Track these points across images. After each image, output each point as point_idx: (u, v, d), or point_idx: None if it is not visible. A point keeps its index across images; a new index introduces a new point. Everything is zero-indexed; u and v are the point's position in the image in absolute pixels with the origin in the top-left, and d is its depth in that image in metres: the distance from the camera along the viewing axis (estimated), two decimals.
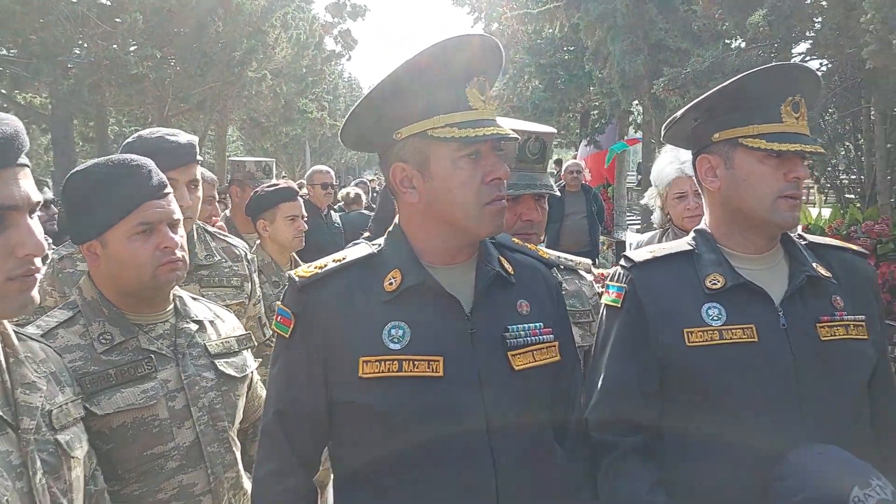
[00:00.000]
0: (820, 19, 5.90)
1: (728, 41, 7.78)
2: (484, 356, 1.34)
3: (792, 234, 1.63)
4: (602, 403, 1.57)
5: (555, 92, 15.79)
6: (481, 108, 1.34)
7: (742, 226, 1.57)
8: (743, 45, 7.43)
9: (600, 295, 1.79)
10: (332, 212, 5.45)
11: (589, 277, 2.10)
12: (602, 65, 11.16)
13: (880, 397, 1.56)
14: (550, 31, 13.36)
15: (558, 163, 13.93)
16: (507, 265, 1.45)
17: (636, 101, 11.53)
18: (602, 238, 10.29)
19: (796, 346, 1.47)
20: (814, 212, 7.38)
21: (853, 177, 6.52)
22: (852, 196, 6.51)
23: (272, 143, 21.20)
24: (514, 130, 1.39)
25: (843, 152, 6.55)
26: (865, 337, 1.52)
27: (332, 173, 5.55)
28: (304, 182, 5.62)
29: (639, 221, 15.28)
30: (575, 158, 14.22)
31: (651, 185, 2.99)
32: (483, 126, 1.31)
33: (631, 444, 1.53)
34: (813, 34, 6.68)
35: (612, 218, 14.71)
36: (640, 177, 17.74)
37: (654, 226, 3.10)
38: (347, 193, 7.00)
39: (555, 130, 1.97)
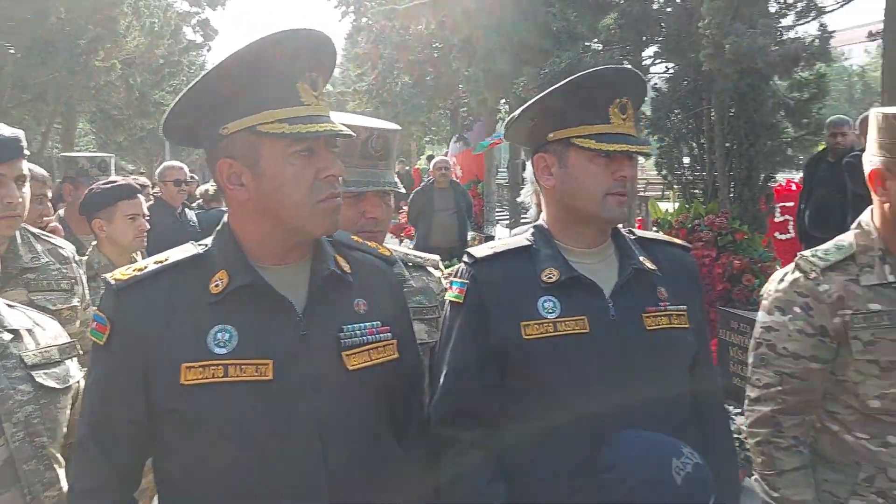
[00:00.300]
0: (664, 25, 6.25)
1: (588, 43, 8.11)
2: (317, 358, 1.31)
3: (623, 230, 1.71)
4: (444, 398, 1.59)
5: (424, 88, 15.91)
6: (314, 103, 1.31)
7: (575, 222, 1.63)
8: (600, 47, 7.76)
9: None
10: (186, 210, 5.22)
11: (437, 274, 2.12)
12: (469, 62, 11.33)
13: (700, 381, 1.66)
14: (418, 27, 13.43)
15: (430, 159, 14.07)
16: (343, 264, 1.43)
17: (504, 100, 11.79)
18: (472, 234, 10.49)
19: (624, 335, 1.54)
20: (669, 207, 7.84)
21: (697, 174, 6.93)
22: (697, 192, 6.92)
23: (126, 137, 20.06)
24: (356, 126, 1.36)
25: (688, 151, 6.95)
26: (687, 326, 1.62)
27: (186, 169, 5.32)
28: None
29: (508, 217, 15.68)
30: (446, 155, 14.41)
31: (524, 182, 3.06)
32: (316, 122, 1.28)
33: (471, 437, 1.55)
34: (661, 39, 7.08)
35: (483, 214, 15.03)
36: (509, 173, 18.21)
37: (530, 221, 3.18)
38: (206, 190, 6.73)
39: (398, 127, 1.96)
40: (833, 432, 1.72)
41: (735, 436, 2.17)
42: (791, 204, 7.36)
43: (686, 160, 7.03)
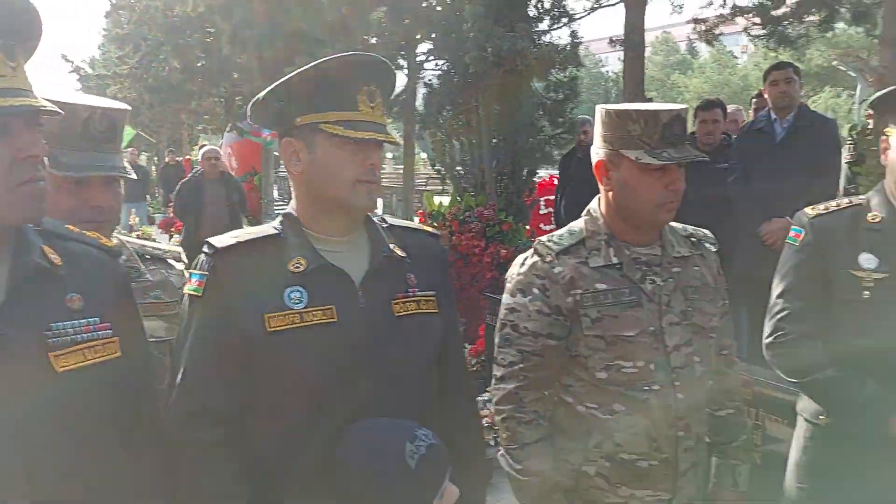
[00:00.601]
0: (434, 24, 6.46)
1: (366, 37, 8.14)
2: (19, 359, 1.16)
3: (375, 218, 1.71)
4: (181, 397, 1.48)
5: (194, 74, 15.04)
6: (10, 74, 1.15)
7: (325, 209, 1.59)
8: (374, 40, 7.83)
9: None
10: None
11: (179, 266, 1.98)
12: (242, 49, 10.90)
13: (448, 365, 1.71)
14: (185, 9, 12.66)
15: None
16: (53, 256, 1.27)
17: None
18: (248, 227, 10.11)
19: (373, 323, 1.54)
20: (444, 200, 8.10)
21: (468, 168, 7.25)
22: (468, 186, 7.25)
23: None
24: (73, 105, 1.21)
25: (460, 146, 7.26)
26: (435, 311, 1.65)
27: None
28: None
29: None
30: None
31: None
32: (12, 96, 1.13)
33: (211, 437, 1.46)
34: (433, 36, 7.30)
35: (261, 207, 14.56)
36: None
37: None
38: None
39: (128, 107, 1.79)
40: (568, 404, 1.85)
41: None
42: (553, 197, 7.96)
43: (458, 155, 7.33)
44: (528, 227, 7.08)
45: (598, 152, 1.84)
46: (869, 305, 1.81)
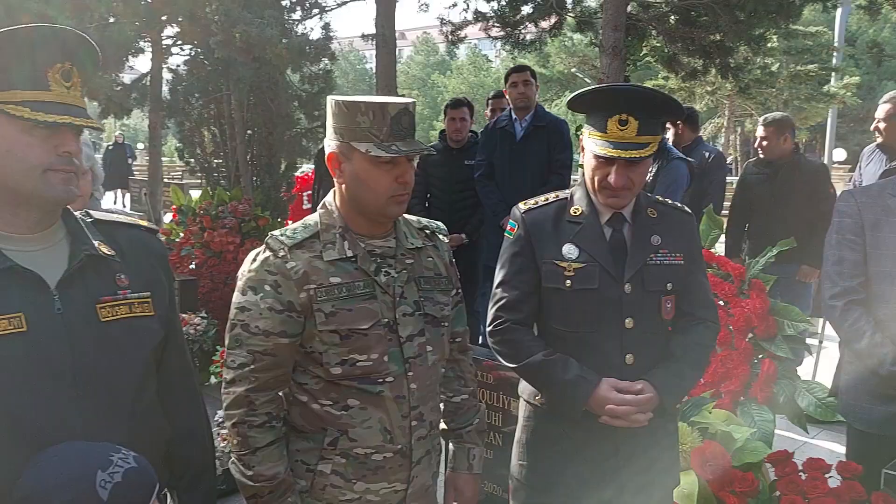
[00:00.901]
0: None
1: (108, 15, 7.41)
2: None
3: (78, 212, 1.53)
4: None
5: None
6: None
7: (10, 202, 1.39)
8: (113, 20, 7.15)
9: None
10: None
11: None
12: None
13: (169, 372, 1.61)
14: None
15: None
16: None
17: None
18: None
19: (74, 330, 1.38)
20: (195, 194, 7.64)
21: (220, 160, 6.92)
22: (221, 179, 6.92)
23: None
24: None
25: (211, 136, 6.90)
26: (152, 313, 1.52)
27: None
28: None
29: None
30: None
31: None
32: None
33: None
34: (180, 20, 6.84)
35: None
36: None
37: None
38: None
39: None
40: (303, 403, 1.80)
41: None
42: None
43: (208, 147, 6.97)
44: (287, 222, 6.92)
45: (330, 144, 1.81)
46: (571, 293, 1.97)
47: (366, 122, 1.71)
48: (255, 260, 1.80)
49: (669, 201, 2.11)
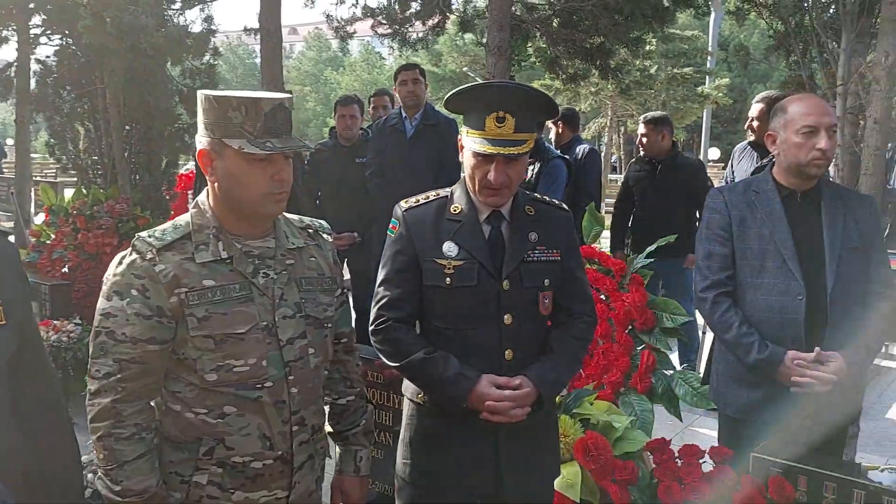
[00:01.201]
0: None
1: None
2: None
3: None
4: None
5: None
6: None
7: None
8: None
9: None
10: None
11: None
12: None
13: (26, 384, 1.53)
14: None
15: None
16: None
17: None
18: None
19: None
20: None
21: (95, 157, 6.53)
22: (96, 177, 6.54)
23: None
24: None
25: (85, 132, 6.50)
26: (3, 322, 1.44)
27: None
28: None
29: None
30: None
31: None
32: None
33: None
34: (50, 8, 6.41)
35: None
36: None
37: None
38: None
39: None
40: (176, 412, 1.71)
41: None
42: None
43: (82, 143, 6.57)
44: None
45: (200, 140, 1.73)
46: (451, 291, 1.97)
47: (238, 117, 1.65)
48: (120, 263, 1.70)
49: (547, 199, 2.15)
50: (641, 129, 5.34)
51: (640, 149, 5.42)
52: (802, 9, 4.53)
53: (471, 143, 1.94)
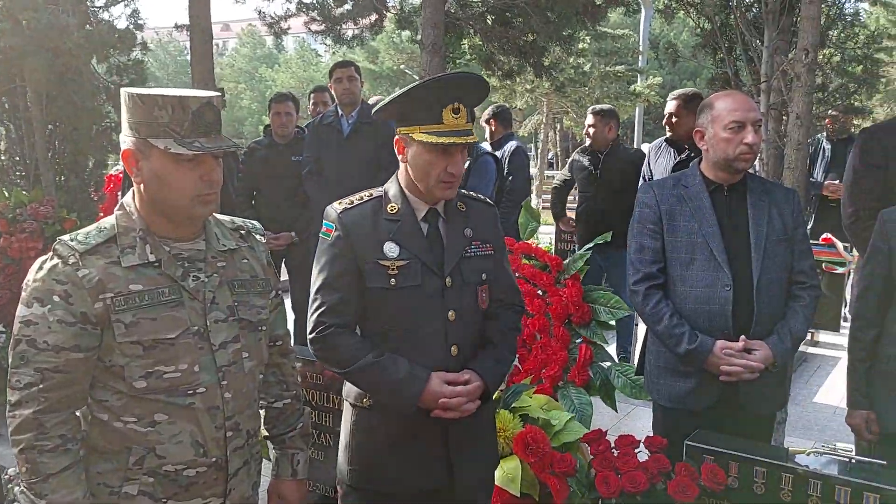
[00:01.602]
0: None
1: None
2: None
3: None
4: None
5: None
6: None
7: None
8: None
9: None
10: None
11: None
12: None
13: None
14: None
15: None
16: None
17: None
18: None
19: None
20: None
21: (17, 158, 6.26)
22: (18, 178, 6.27)
23: None
24: None
25: (5, 132, 6.22)
26: None
27: None
28: None
29: None
30: None
31: None
32: None
33: None
34: None
35: None
36: None
37: None
38: None
39: None
40: (103, 422, 1.66)
41: None
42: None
43: (3, 144, 6.29)
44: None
45: (125, 140, 1.68)
46: (396, 291, 1.95)
47: (164, 116, 1.60)
48: (41, 268, 1.64)
49: (474, 194, 2.17)
50: (589, 119, 5.56)
51: (587, 139, 5.59)
52: (727, 7, 4.65)
53: (427, 138, 1.89)
